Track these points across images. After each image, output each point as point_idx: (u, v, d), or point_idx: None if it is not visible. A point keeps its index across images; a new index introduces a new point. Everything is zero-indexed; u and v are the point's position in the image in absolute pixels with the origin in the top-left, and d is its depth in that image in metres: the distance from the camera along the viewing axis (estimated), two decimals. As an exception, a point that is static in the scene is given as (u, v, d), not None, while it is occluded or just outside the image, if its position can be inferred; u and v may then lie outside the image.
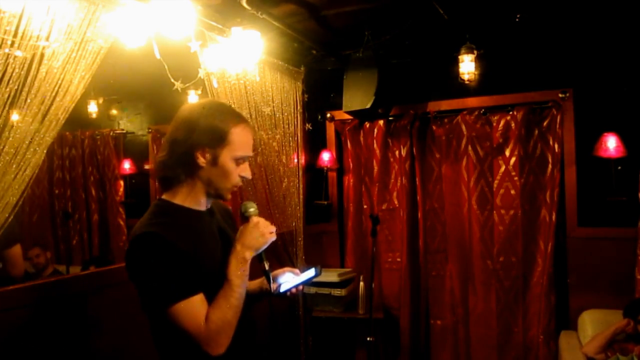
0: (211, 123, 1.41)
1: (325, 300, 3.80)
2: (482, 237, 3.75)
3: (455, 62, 3.55)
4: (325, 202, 4.19)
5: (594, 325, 3.25)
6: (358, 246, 4.16)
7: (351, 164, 4.17)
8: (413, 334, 3.93)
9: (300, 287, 1.66)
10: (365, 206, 4.17)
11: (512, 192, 3.66)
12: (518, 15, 3.36)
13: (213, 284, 1.39)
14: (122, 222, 4.84)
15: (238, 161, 1.46)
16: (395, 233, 4.01)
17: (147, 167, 4.84)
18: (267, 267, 1.52)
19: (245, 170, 1.49)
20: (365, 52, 3.58)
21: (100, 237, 4.93)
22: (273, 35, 3.05)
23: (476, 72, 3.59)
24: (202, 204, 1.50)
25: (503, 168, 3.69)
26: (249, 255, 1.43)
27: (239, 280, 1.39)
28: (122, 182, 4.87)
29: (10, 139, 1.62)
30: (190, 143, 1.40)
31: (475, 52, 3.52)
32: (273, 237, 1.48)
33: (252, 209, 1.50)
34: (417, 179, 3.93)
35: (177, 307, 1.31)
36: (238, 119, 1.47)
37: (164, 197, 1.48)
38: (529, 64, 3.65)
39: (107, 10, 1.88)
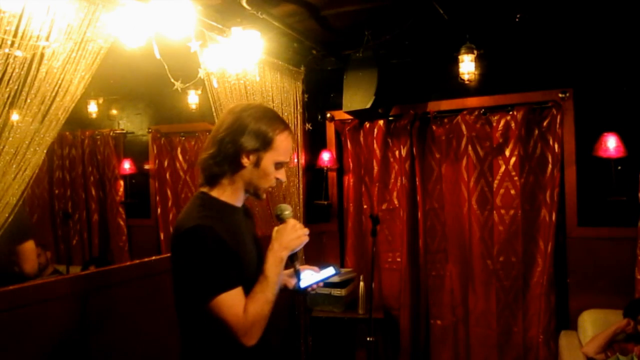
0: (259, 128, 1.52)
1: (325, 300, 3.80)
2: (482, 237, 3.75)
3: (455, 62, 3.55)
4: (325, 202, 4.19)
5: (594, 325, 3.25)
6: (358, 246, 4.15)
7: (351, 164, 4.17)
8: (413, 334, 3.93)
9: (321, 284, 1.74)
10: (365, 206, 4.17)
11: (512, 192, 3.66)
12: (518, 15, 3.35)
13: (249, 278, 1.48)
14: (122, 222, 4.83)
15: (277, 165, 1.57)
16: (395, 233, 4.01)
17: (147, 167, 4.83)
18: (298, 266, 1.61)
19: (282, 174, 1.60)
20: (365, 52, 3.58)
21: (100, 237, 4.94)
22: (273, 35, 3.05)
23: (476, 72, 3.59)
24: (240, 200, 1.60)
25: (503, 168, 3.69)
26: (285, 254, 1.54)
27: (276, 277, 1.50)
28: (122, 182, 4.87)
29: (10, 139, 1.62)
30: (238, 145, 1.51)
31: (475, 52, 3.53)
32: (307, 239, 1.58)
33: (288, 211, 1.59)
34: (417, 179, 3.93)
35: (220, 298, 1.39)
36: (283, 125, 1.58)
37: (205, 190, 1.57)
38: (529, 64, 3.65)
39: (107, 10, 1.88)
